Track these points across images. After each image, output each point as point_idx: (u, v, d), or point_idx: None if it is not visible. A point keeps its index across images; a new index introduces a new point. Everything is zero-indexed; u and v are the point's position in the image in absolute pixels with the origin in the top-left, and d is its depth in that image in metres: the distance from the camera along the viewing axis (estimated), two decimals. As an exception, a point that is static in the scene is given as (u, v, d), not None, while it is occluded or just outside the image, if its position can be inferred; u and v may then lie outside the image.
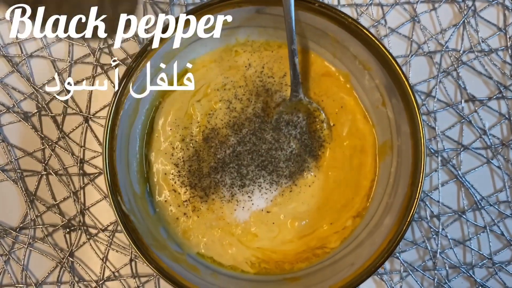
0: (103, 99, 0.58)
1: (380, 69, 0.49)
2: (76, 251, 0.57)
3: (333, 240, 0.54)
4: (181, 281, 0.47)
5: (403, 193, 0.48)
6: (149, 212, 0.52)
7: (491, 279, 0.58)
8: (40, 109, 0.57)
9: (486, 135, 0.59)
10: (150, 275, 0.57)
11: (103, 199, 0.57)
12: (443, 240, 0.58)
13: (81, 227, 0.57)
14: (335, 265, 0.51)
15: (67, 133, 0.57)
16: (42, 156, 0.57)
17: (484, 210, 0.59)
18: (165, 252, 0.50)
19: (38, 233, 0.57)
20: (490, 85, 0.60)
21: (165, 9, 0.58)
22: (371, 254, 0.47)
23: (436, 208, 0.58)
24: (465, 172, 0.59)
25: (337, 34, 0.50)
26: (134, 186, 0.51)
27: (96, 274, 0.57)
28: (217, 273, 0.52)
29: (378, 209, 0.52)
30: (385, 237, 0.47)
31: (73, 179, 0.57)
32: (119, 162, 0.49)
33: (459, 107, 0.59)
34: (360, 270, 0.47)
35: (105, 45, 0.57)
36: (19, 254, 0.57)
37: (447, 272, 0.58)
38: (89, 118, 0.57)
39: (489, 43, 0.60)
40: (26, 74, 0.57)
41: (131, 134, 0.52)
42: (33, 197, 0.57)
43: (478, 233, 0.59)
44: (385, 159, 0.53)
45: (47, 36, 0.57)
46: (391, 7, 0.59)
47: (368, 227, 0.51)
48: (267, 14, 0.51)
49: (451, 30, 0.60)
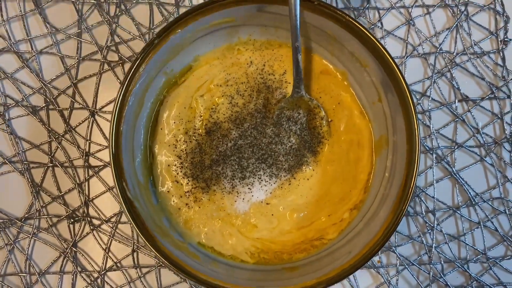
0: (109, 95, 0.60)
1: (377, 66, 0.51)
2: (79, 241, 0.59)
3: (331, 231, 0.55)
4: (184, 267, 0.48)
5: (398, 184, 0.50)
6: (152, 202, 0.54)
7: (485, 274, 0.60)
8: (48, 104, 0.59)
9: (479, 133, 0.61)
10: (151, 266, 0.58)
11: (107, 191, 0.59)
12: (438, 235, 0.60)
13: (85, 218, 0.58)
14: (332, 254, 0.52)
15: (73, 127, 0.59)
16: (48, 148, 0.59)
17: (478, 206, 0.60)
18: (168, 239, 0.51)
19: (43, 224, 0.58)
20: (483, 86, 0.62)
21: (170, 10, 0.60)
22: (366, 243, 0.49)
23: (431, 204, 0.60)
24: (459, 169, 0.61)
25: (335, 32, 0.52)
26: (138, 176, 0.53)
27: (98, 264, 0.58)
28: (218, 262, 0.53)
29: (374, 201, 0.53)
30: (381, 226, 0.49)
31: (78, 171, 0.59)
32: (125, 153, 0.50)
33: (453, 106, 0.61)
34: (356, 258, 0.48)
35: (112, 43, 0.60)
36: (23, 244, 0.58)
37: (442, 267, 0.59)
38: (95, 112, 0.59)
39: (482, 45, 0.62)
40: (35, 69, 0.59)
41: (136, 126, 0.53)
42: (39, 188, 0.58)
43: (473, 228, 0.60)
44: (381, 153, 0.55)
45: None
46: (387, 10, 0.62)
47: (364, 218, 0.53)
48: (268, 12, 0.53)
49: (445, 33, 0.62)
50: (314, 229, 0.55)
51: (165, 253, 0.48)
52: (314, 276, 0.49)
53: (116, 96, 0.49)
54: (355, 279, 0.59)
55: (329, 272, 0.48)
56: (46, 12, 0.60)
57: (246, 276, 0.52)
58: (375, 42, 0.50)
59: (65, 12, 0.60)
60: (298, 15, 0.50)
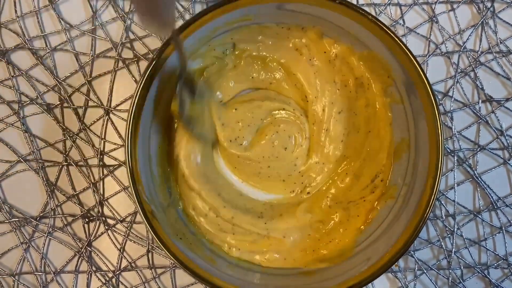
0: (124, 92, 0.59)
1: (399, 66, 0.49)
2: (94, 241, 0.58)
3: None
4: (198, 272, 0.48)
5: (420, 190, 0.49)
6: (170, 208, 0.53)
7: (506, 280, 0.58)
8: (63, 101, 0.58)
9: (503, 135, 0.59)
10: (166, 267, 0.58)
11: (122, 191, 0.58)
12: (458, 240, 0.58)
13: (99, 218, 0.58)
14: (350, 260, 0.51)
15: (88, 125, 0.58)
16: (63, 147, 0.58)
17: (500, 210, 0.59)
18: (182, 242, 0.50)
19: (58, 223, 0.58)
20: (508, 86, 0.60)
21: (186, 6, 0.59)
22: (387, 250, 0.48)
23: (452, 208, 0.58)
24: (481, 172, 0.59)
25: (358, 32, 0.50)
26: (155, 178, 0.52)
27: (113, 264, 0.58)
28: (232, 265, 0.53)
29: (394, 206, 0.52)
30: (402, 232, 0.48)
31: (93, 171, 0.58)
32: (141, 154, 0.49)
33: (476, 107, 0.59)
34: (377, 265, 0.47)
35: (127, 40, 0.58)
36: (38, 243, 0.58)
37: (462, 272, 0.58)
38: (110, 111, 0.58)
39: (508, 44, 0.60)
40: (49, 67, 0.59)
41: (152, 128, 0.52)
42: (54, 187, 0.58)
43: (494, 233, 0.59)
44: (402, 157, 0.53)
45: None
46: (409, 7, 0.60)
47: (384, 223, 0.52)
48: (287, 10, 0.51)
49: (469, 31, 0.60)
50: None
51: (178, 257, 0.47)
52: (333, 283, 0.48)
53: (133, 93, 0.48)
54: (372, 284, 0.58)
55: (348, 279, 0.47)
56: (60, 8, 0.59)
57: (262, 279, 0.52)
58: (398, 42, 0.48)
59: (79, 8, 0.59)
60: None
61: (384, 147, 0.54)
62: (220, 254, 0.54)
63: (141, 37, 0.59)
